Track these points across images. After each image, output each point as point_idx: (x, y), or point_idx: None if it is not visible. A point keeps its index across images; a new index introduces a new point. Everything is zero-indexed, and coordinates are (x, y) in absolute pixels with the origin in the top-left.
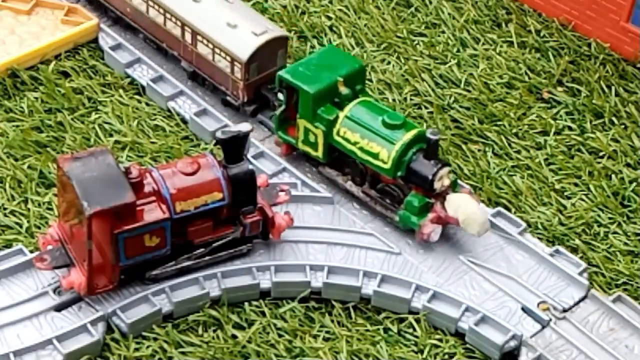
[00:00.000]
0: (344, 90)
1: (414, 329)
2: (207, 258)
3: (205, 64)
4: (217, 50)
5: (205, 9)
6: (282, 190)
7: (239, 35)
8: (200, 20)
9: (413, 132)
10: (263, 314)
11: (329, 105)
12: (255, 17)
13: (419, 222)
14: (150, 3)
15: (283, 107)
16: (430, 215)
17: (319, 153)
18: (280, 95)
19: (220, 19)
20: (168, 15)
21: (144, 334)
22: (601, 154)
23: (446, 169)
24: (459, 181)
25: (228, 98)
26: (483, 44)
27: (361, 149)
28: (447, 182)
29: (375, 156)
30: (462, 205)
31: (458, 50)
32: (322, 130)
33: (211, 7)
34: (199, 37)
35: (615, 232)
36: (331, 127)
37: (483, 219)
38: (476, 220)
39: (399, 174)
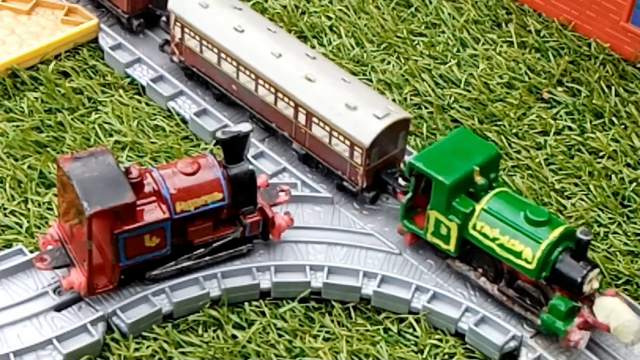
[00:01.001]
0: (480, 180)
1: (414, 329)
2: (207, 258)
3: (320, 147)
4: (335, 134)
5: (322, 88)
6: (282, 191)
7: (360, 118)
8: (316, 100)
9: (559, 229)
10: (263, 314)
11: (464, 197)
12: (376, 97)
13: (565, 328)
14: (261, 81)
15: (410, 194)
16: (578, 321)
17: (451, 247)
18: (402, 181)
19: (338, 100)
20: (280, 95)
21: (144, 334)
22: (601, 154)
23: (596, 271)
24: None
25: (345, 183)
26: (483, 44)
27: (501, 245)
28: (596, 284)
29: (518, 255)
30: (614, 311)
31: (458, 50)
32: (456, 223)
33: (328, 86)
34: (314, 119)
35: (615, 232)
36: (467, 220)
37: (637, 327)
38: (630, 329)
39: (543, 274)
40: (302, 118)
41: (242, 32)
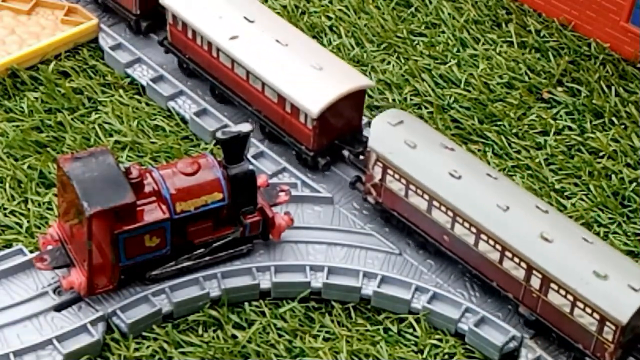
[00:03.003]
0: None
1: (414, 329)
2: (207, 258)
3: (555, 315)
4: (580, 305)
5: (561, 249)
6: (282, 191)
7: (612, 289)
8: (555, 264)
9: None
10: (263, 314)
11: None
12: (627, 264)
13: None
14: (483, 236)
15: None
16: None
17: None
18: None
19: (583, 265)
20: (508, 254)
21: (144, 334)
22: (601, 154)
23: None
24: None
25: (587, 359)
26: (483, 44)
27: None
28: None
29: None
30: None
31: (458, 50)
32: None
33: (568, 248)
34: (552, 285)
35: (615, 232)
36: None
37: None
38: None
39: None
40: (535, 282)
41: (458, 179)
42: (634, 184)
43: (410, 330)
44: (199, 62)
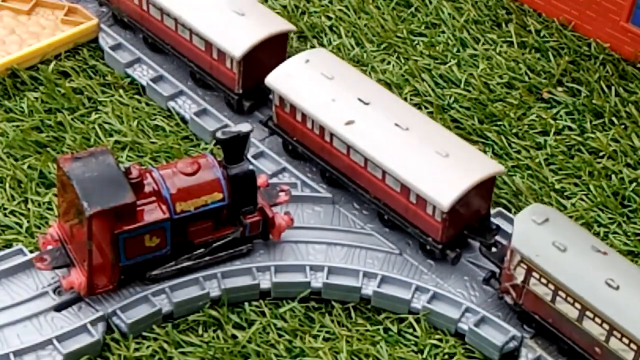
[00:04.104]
0: None
1: (414, 329)
2: (207, 258)
3: None
4: None
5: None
6: (282, 191)
7: None
8: None
9: None
10: (263, 314)
11: None
12: None
13: None
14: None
15: None
16: None
17: None
18: None
19: None
20: None
21: (144, 334)
22: (601, 154)
23: None
24: None
25: None
26: (483, 44)
27: None
28: None
29: None
30: None
31: (458, 50)
32: None
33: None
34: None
35: (615, 232)
36: None
37: None
38: None
39: None
40: None
41: (616, 289)
42: (634, 184)
43: (410, 330)
44: (308, 145)
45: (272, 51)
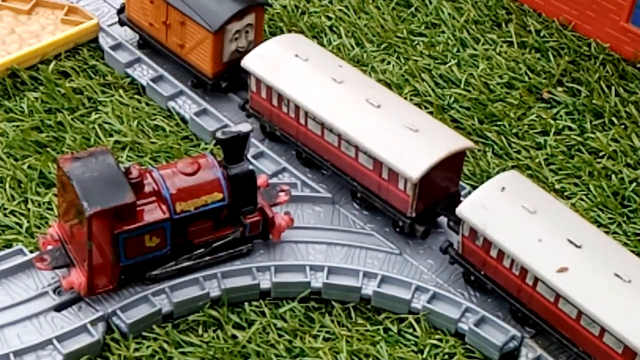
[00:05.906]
0: None
1: (414, 329)
2: (207, 258)
3: None
4: None
5: None
6: (282, 191)
7: None
8: None
9: None
10: (263, 314)
11: None
12: None
13: None
14: None
15: None
16: None
17: None
18: None
19: None
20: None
21: (144, 334)
22: (601, 154)
23: None
24: None
25: None
26: (483, 44)
27: None
28: None
29: None
30: None
31: (458, 50)
32: None
33: None
34: None
35: (615, 232)
36: None
37: None
38: None
39: None
40: None
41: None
42: (634, 184)
43: (410, 330)
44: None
45: (448, 171)
